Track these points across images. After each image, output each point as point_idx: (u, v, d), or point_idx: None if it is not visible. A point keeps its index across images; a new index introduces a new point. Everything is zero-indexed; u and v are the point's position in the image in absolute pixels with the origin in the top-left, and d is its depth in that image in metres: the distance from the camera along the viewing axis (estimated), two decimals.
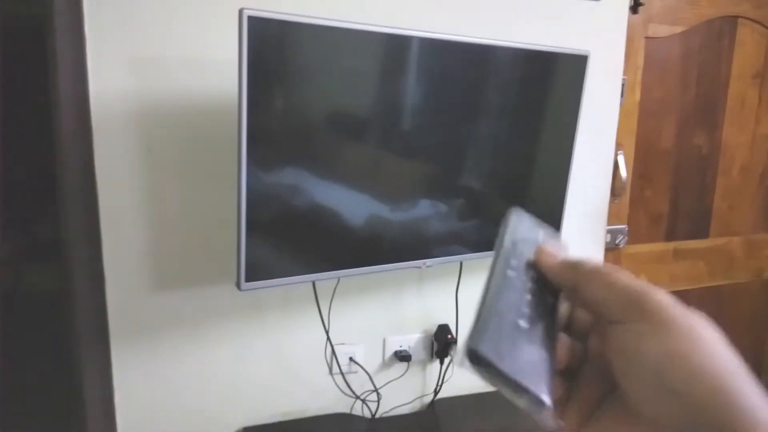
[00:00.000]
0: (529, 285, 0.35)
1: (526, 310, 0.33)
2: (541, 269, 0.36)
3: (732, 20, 1.83)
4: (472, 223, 1.37)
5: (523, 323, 0.32)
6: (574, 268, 0.34)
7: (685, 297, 1.99)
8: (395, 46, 1.16)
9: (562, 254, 0.36)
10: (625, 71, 1.69)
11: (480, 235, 1.39)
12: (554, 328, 0.34)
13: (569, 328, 0.36)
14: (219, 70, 1.24)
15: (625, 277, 0.32)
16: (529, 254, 0.37)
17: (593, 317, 0.35)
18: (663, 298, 0.30)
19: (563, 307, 0.36)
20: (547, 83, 1.38)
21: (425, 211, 1.30)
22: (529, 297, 0.34)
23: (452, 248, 1.36)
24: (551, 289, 0.36)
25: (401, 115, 1.21)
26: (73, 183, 1.22)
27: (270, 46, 1.02)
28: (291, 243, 1.16)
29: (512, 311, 0.32)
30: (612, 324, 0.31)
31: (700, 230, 1.97)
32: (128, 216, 1.25)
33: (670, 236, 1.93)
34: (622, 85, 1.69)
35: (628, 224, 1.84)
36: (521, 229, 0.38)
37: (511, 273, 0.35)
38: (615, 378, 0.31)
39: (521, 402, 0.29)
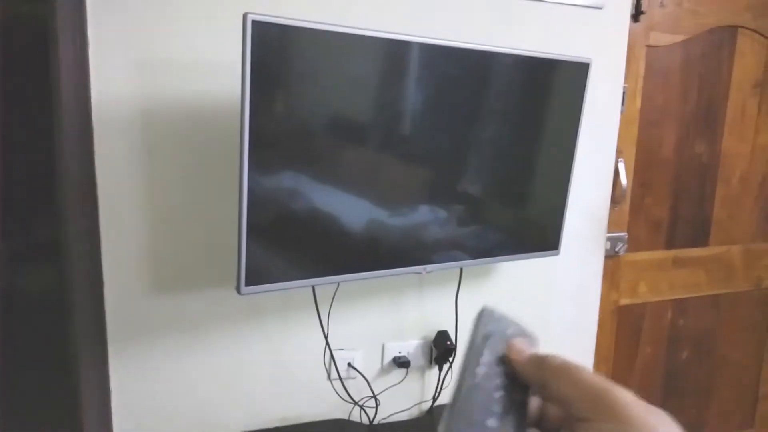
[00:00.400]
0: (498, 381, 0.35)
1: (495, 408, 0.34)
2: (511, 365, 0.37)
3: (732, 30, 1.84)
4: (472, 230, 1.37)
5: (493, 423, 0.33)
6: (541, 364, 0.35)
7: (685, 305, 1.99)
8: (397, 51, 1.16)
9: (530, 350, 0.37)
10: (626, 79, 1.70)
11: (480, 241, 1.39)
12: (524, 424, 0.35)
13: (541, 423, 0.37)
14: (221, 72, 1.24)
15: (589, 374, 0.33)
16: (499, 350, 0.37)
17: (563, 413, 0.35)
18: (626, 397, 0.31)
19: (534, 402, 0.37)
20: (548, 90, 1.38)
21: (425, 216, 1.29)
22: (499, 394, 0.35)
23: (452, 254, 1.36)
24: (521, 384, 0.36)
25: (402, 120, 1.21)
26: (74, 184, 1.21)
27: (273, 51, 1.02)
28: (291, 247, 1.15)
29: (481, 411, 0.33)
30: (579, 421, 0.32)
31: (700, 238, 1.97)
32: (128, 218, 1.25)
33: (669, 244, 1.93)
34: (623, 93, 1.69)
35: (628, 232, 1.84)
36: (493, 325, 0.39)
37: (481, 370, 0.35)
38: None
39: None
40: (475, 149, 1.31)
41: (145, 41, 1.20)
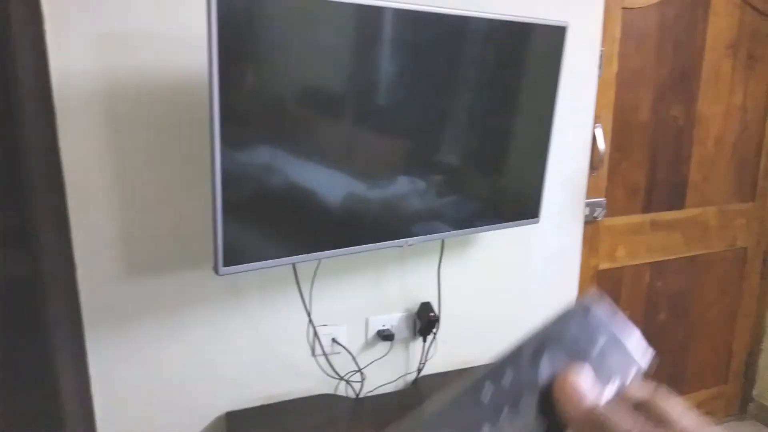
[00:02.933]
0: (528, 413, 0.25)
1: None
2: (556, 405, 0.26)
3: None
4: (451, 200, 1.35)
5: None
6: (604, 429, 0.25)
7: (662, 267, 2.02)
8: (369, 17, 1.12)
9: (592, 395, 0.26)
10: (603, 42, 1.68)
11: (460, 212, 1.37)
12: None
13: None
14: (188, 45, 1.19)
15: None
16: (555, 367, 0.26)
17: None
18: None
19: None
20: (525, 55, 1.35)
21: (404, 188, 1.28)
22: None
23: (433, 226, 1.34)
24: (553, 424, 0.26)
25: (376, 89, 1.18)
26: (38, 166, 1.17)
27: (240, 20, 0.98)
28: (269, 225, 1.13)
29: None
30: None
31: (676, 201, 1.99)
32: (97, 199, 1.21)
33: (646, 208, 1.94)
34: (600, 56, 1.68)
35: (606, 197, 1.85)
36: (570, 328, 0.27)
37: (511, 387, 0.25)
38: None
39: None
40: (451, 118, 1.29)
41: (104, 14, 1.14)
